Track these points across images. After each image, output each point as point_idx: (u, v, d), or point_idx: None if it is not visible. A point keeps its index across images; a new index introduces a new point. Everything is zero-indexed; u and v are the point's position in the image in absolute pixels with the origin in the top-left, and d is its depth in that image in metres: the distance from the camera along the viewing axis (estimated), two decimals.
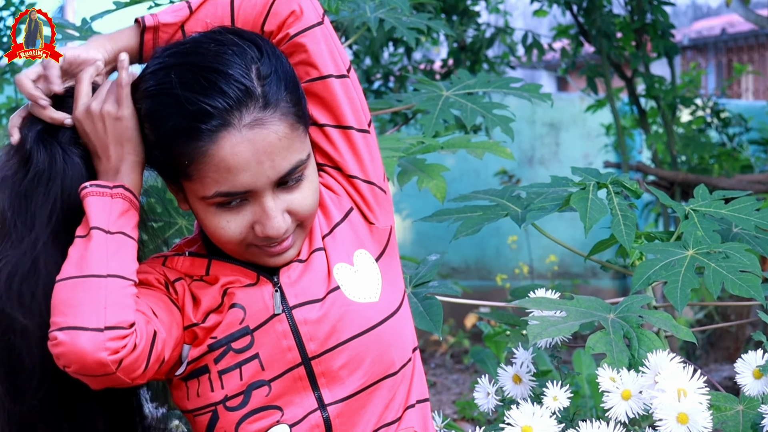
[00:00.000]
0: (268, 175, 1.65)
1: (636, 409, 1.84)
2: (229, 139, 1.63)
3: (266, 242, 1.71)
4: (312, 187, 1.73)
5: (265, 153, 1.64)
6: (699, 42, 14.88)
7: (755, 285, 2.06)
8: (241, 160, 1.63)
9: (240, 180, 1.64)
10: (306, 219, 1.74)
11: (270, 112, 1.65)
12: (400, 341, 1.80)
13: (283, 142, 1.66)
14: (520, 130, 9.33)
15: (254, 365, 1.72)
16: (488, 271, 9.09)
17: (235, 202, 1.68)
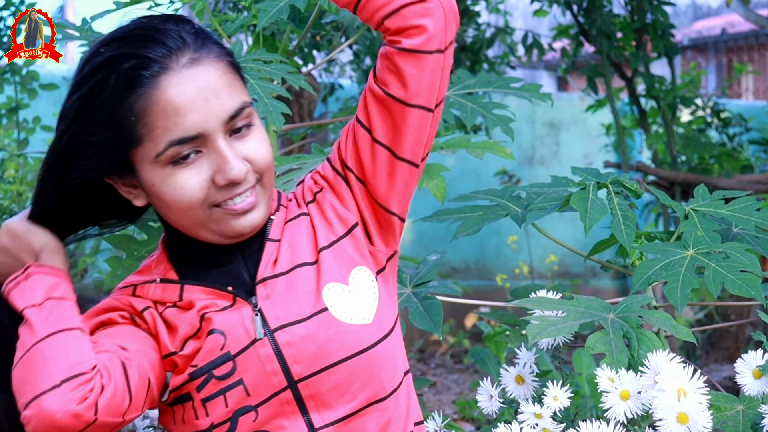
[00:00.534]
0: (217, 112, 1.61)
1: (634, 409, 1.84)
2: (171, 79, 1.60)
3: (229, 194, 1.64)
4: (263, 137, 1.68)
5: (209, 89, 1.61)
6: (699, 42, 14.88)
7: (755, 285, 2.06)
8: (187, 99, 1.60)
9: (189, 121, 1.60)
10: (264, 171, 1.67)
11: (205, 53, 1.64)
12: (391, 365, 1.73)
13: (225, 80, 1.64)
14: (520, 130, 9.33)
15: (239, 391, 1.66)
16: (488, 271, 9.09)
17: (190, 154, 1.62)
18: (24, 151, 5.44)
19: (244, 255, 1.73)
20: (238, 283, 1.72)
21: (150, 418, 2.22)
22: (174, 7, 2.97)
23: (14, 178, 4.77)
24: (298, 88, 2.69)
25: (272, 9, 2.63)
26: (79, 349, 1.59)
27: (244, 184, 1.65)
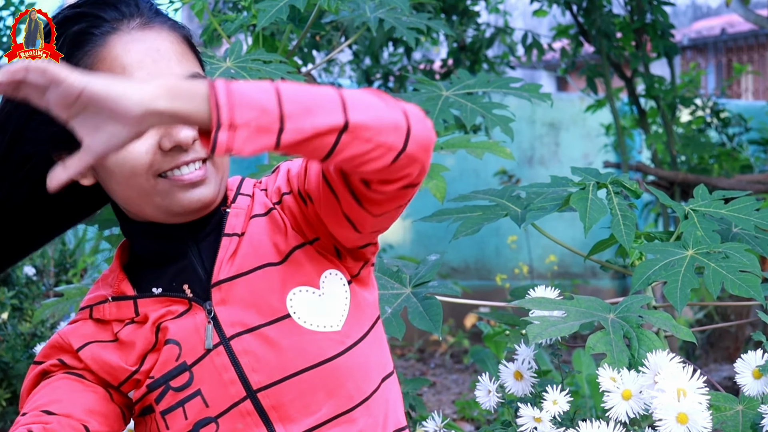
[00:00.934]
0: (165, 75, 1.55)
1: (636, 408, 1.84)
2: (120, 38, 1.56)
3: (176, 161, 1.55)
4: None
5: (158, 52, 1.56)
6: (699, 42, 14.89)
7: (755, 285, 2.06)
8: (135, 57, 1.55)
9: (136, 78, 1.52)
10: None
11: (158, 22, 1.59)
12: (361, 373, 1.64)
13: (176, 47, 1.59)
14: (520, 130, 9.33)
15: (197, 402, 1.60)
16: (488, 271, 9.09)
17: None
18: None
19: (200, 248, 1.64)
20: (193, 280, 1.63)
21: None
22: (174, 6, 2.98)
23: None
24: None
25: (272, 9, 2.63)
26: None
27: (191, 153, 1.56)
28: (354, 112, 1.38)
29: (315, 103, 1.37)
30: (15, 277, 3.97)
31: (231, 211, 1.66)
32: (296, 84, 1.38)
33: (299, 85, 1.38)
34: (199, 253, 1.64)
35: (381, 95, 1.44)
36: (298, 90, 1.37)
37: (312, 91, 1.38)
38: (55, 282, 4.56)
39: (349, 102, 1.38)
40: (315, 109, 1.36)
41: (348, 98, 1.39)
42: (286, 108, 1.34)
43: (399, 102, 1.45)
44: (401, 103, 1.45)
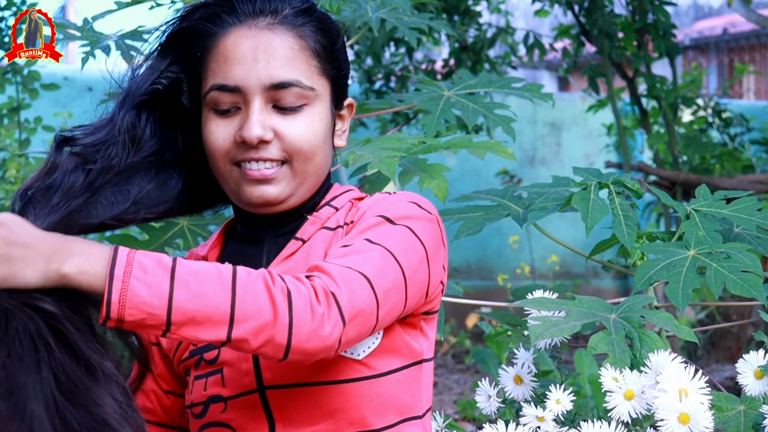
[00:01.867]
0: (260, 75, 1.66)
1: (639, 409, 1.84)
2: (237, 32, 1.68)
3: (246, 155, 1.67)
4: (310, 126, 1.70)
5: (264, 52, 1.66)
6: (700, 42, 14.88)
7: (757, 285, 2.05)
8: (240, 52, 1.66)
9: (233, 72, 1.66)
10: (293, 153, 1.69)
11: (284, 26, 1.69)
12: (373, 405, 1.69)
13: (286, 51, 1.68)
14: (522, 130, 9.33)
15: (217, 379, 1.70)
16: (490, 271, 9.09)
17: (230, 109, 1.68)
18: (25, 151, 5.44)
19: (275, 243, 1.76)
20: (254, 266, 1.70)
21: None
22: (175, 6, 2.98)
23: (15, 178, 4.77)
24: None
25: None
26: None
27: (262, 152, 1.67)
28: (237, 328, 1.44)
29: (203, 313, 1.43)
30: None
31: (309, 219, 1.76)
32: (192, 278, 1.43)
33: (196, 279, 1.43)
34: (271, 248, 1.76)
35: (272, 284, 1.47)
36: (192, 291, 1.43)
37: (206, 294, 1.43)
38: None
39: (237, 313, 1.44)
40: (202, 321, 1.43)
41: (238, 306, 1.44)
42: (174, 317, 1.41)
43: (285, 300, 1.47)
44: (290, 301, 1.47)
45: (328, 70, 1.74)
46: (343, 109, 1.81)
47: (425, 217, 1.70)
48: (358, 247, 1.60)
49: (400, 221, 1.66)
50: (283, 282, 1.48)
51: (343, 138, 1.81)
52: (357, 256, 1.57)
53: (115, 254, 1.42)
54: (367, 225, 1.65)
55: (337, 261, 1.56)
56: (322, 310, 1.48)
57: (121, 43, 2.75)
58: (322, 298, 1.49)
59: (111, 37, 2.75)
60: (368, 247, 1.60)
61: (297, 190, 1.72)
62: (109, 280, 1.40)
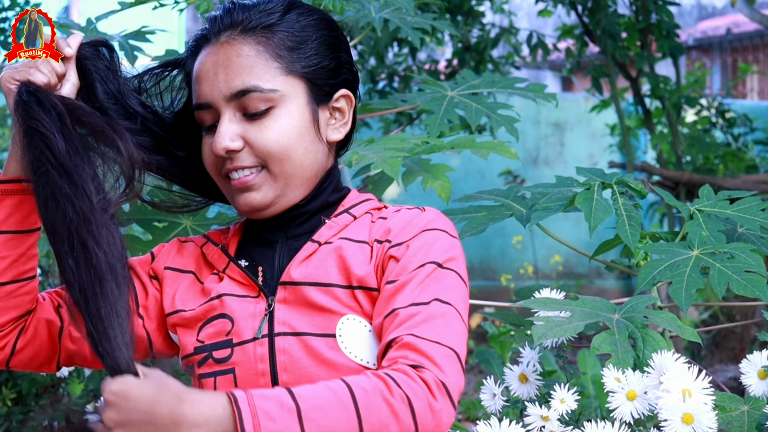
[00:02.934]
0: (221, 88, 1.72)
1: (641, 409, 1.83)
2: (204, 52, 1.76)
3: (226, 166, 1.74)
4: (278, 128, 1.73)
5: (221, 65, 1.73)
6: (704, 42, 14.88)
7: (760, 285, 2.05)
8: (203, 69, 1.75)
9: (201, 89, 1.74)
10: (265, 158, 1.72)
11: (243, 36, 1.75)
12: None
13: (242, 61, 1.73)
14: (525, 130, 9.33)
15: (228, 379, 1.71)
16: (493, 272, 9.09)
17: (210, 124, 1.76)
18: None
19: (287, 244, 1.79)
20: (267, 267, 1.77)
21: None
22: (179, 7, 2.98)
23: None
24: None
25: None
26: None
27: (236, 161, 1.73)
28: None
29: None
30: None
31: (327, 223, 1.78)
32: (318, 414, 1.47)
33: (322, 414, 1.48)
34: (283, 248, 1.79)
35: (391, 399, 1.51)
36: (322, 428, 1.47)
37: (335, 428, 1.47)
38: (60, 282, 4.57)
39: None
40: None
41: (366, 430, 1.48)
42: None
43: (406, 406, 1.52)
44: (409, 405, 1.52)
45: (296, 68, 1.75)
46: (334, 102, 1.81)
47: (459, 249, 1.75)
48: (433, 311, 1.62)
49: (448, 264, 1.70)
50: (400, 389, 1.51)
51: (341, 131, 1.82)
52: (439, 326, 1.61)
53: (238, 407, 1.44)
54: (425, 274, 1.67)
55: (426, 335, 1.58)
56: (440, 407, 1.54)
57: (124, 44, 2.76)
58: (437, 394, 1.54)
59: (114, 37, 2.75)
60: (442, 309, 1.63)
61: (283, 191, 1.76)
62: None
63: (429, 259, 1.69)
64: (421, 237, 1.72)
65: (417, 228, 1.73)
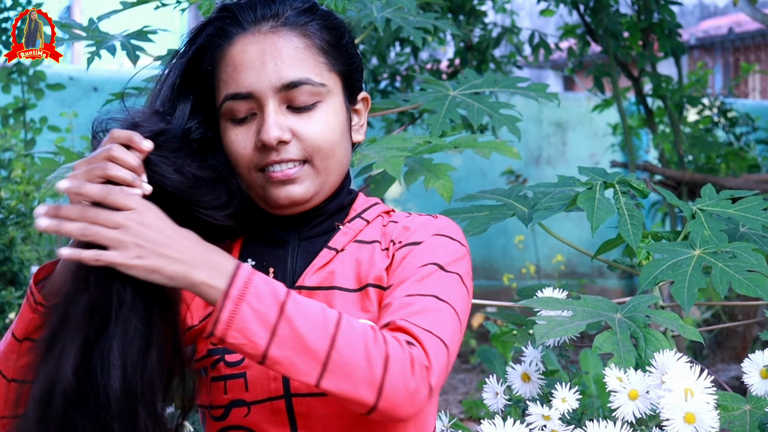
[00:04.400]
0: (270, 78, 1.67)
1: (643, 408, 1.83)
2: (242, 40, 1.70)
3: (268, 158, 1.68)
4: (325, 123, 1.71)
5: (271, 55, 1.68)
6: (706, 41, 14.87)
7: (762, 284, 2.05)
8: (247, 58, 1.68)
9: (243, 78, 1.68)
10: (312, 152, 1.70)
11: (289, 28, 1.71)
12: (397, 423, 1.69)
13: (292, 51, 1.69)
14: (527, 129, 9.33)
15: (239, 383, 1.70)
16: (495, 271, 9.09)
17: (246, 116, 1.69)
18: (31, 151, 5.44)
19: (300, 246, 1.77)
20: (279, 269, 1.75)
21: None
22: (181, 6, 2.98)
23: (21, 178, 4.77)
24: None
25: None
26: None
27: (282, 153, 1.68)
28: (327, 378, 1.48)
29: (298, 355, 1.48)
30: (22, 277, 3.97)
31: (342, 229, 1.77)
32: (299, 317, 1.48)
33: (302, 318, 1.48)
34: (296, 250, 1.77)
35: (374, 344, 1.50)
36: (295, 330, 1.48)
37: (306, 337, 1.48)
38: None
39: (331, 364, 1.48)
40: (296, 362, 1.48)
41: (333, 359, 1.48)
42: (271, 351, 1.47)
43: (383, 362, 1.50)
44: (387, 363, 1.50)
45: (337, 65, 1.74)
46: (357, 104, 1.81)
47: (466, 259, 1.74)
48: (428, 305, 1.62)
49: (451, 268, 1.69)
50: (384, 345, 1.50)
51: (361, 132, 1.82)
52: (433, 318, 1.60)
53: (236, 273, 1.48)
54: (426, 273, 1.67)
55: (419, 323, 1.57)
56: (414, 385, 1.51)
57: (126, 43, 2.76)
58: (418, 373, 1.52)
59: (116, 37, 2.76)
60: (437, 305, 1.63)
61: (322, 187, 1.74)
62: (224, 298, 1.46)
63: (432, 260, 1.68)
64: (430, 240, 1.72)
65: (429, 232, 1.73)
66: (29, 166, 4.98)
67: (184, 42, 1.76)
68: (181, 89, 1.73)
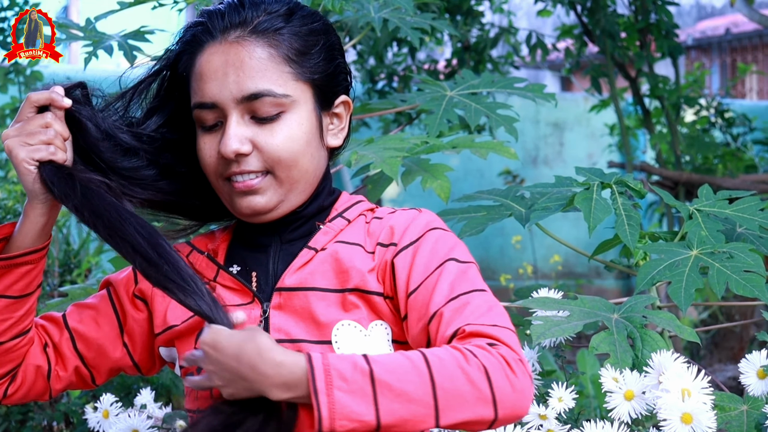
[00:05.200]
0: (231, 89, 1.68)
1: (639, 409, 1.84)
2: (210, 49, 1.70)
3: (230, 169, 1.69)
4: (287, 134, 1.70)
5: (233, 66, 1.68)
6: (703, 42, 14.88)
7: (759, 285, 2.05)
8: (211, 68, 1.69)
9: (207, 88, 1.69)
10: (273, 163, 1.70)
11: (254, 37, 1.70)
12: None
13: (255, 63, 1.69)
14: (524, 130, 9.33)
15: None
16: (492, 271, 9.09)
17: (216, 124, 1.70)
18: None
19: (281, 249, 1.76)
20: (261, 272, 1.75)
21: (154, 417, 2.23)
22: (178, 7, 2.98)
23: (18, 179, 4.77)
24: None
25: None
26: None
27: (243, 165, 1.69)
28: (444, 416, 1.49)
29: (410, 411, 1.48)
30: None
31: (323, 228, 1.76)
32: (392, 377, 1.48)
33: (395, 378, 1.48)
34: (278, 253, 1.76)
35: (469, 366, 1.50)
36: (395, 391, 1.48)
37: (408, 392, 1.48)
38: (60, 282, 4.57)
39: (441, 402, 1.48)
40: (410, 418, 1.48)
41: (440, 396, 1.48)
42: (383, 420, 1.47)
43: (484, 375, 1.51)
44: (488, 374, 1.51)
45: (306, 74, 1.73)
46: (335, 108, 1.80)
47: (463, 244, 1.74)
48: (478, 301, 1.62)
49: (463, 259, 1.70)
50: (477, 359, 1.51)
51: (339, 137, 1.81)
52: (488, 311, 1.61)
53: (311, 365, 1.47)
54: (451, 272, 1.67)
55: (483, 321, 1.58)
56: (520, 382, 1.53)
57: (123, 44, 2.76)
58: (515, 368, 1.53)
59: (113, 37, 2.75)
60: (485, 297, 1.64)
61: (286, 196, 1.73)
62: (314, 394, 1.46)
63: (446, 257, 1.69)
64: (428, 238, 1.71)
65: (420, 229, 1.72)
66: None
67: (169, 47, 1.79)
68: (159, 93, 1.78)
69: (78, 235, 5.85)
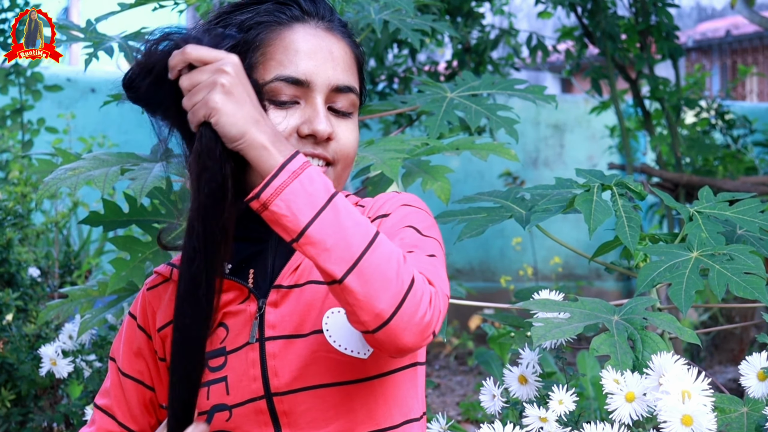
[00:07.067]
0: (329, 74, 1.68)
1: (640, 411, 1.83)
2: (304, 28, 1.70)
3: (304, 148, 1.67)
4: (355, 134, 1.73)
5: (331, 54, 1.70)
6: (703, 44, 14.89)
7: (760, 287, 2.05)
8: (311, 46, 1.68)
9: (304, 65, 1.67)
10: (340, 157, 1.71)
11: (341, 35, 1.73)
12: (378, 404, 1.72)
13: (345, 58, 1.72)
14: (525, 131, 9.33)
15: (221, 387, 1.70)
16: (492, 273, 9.09)
17: (287, 102, 1.67)
18: (28, 152, 5.44)
19: (279, 244, 1.75)
20: (259, 268, 1.75)
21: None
22: (179, 8, 2.98)
23: (19, 180, 4.77)
24: None
25: None
26: None
27: (321, 148, 1.69)
28: (354, 276, 1.47)
29: (336, 245, 1.47)
30: (20, 279, 3.97)
31: None
32: (345, 212, 1.49)
33: (347, 214, 1.49)
34: (276, 248, 1.76)
35: (404, 264, 1.51)
36: (339, 220, 1.48)
37: (348, 230, 1.48)
38: (60, 283, 4.57)
39: (363, 263, 1.48)
40: (330, 250, 1.47)
41: (365, 260, 1.48)
42: (310, 231, 1.47)
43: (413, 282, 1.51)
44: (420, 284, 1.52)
45: (361, 84, 1.78)
46: None
47: (437, 227, 1.76)
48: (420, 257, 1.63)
49: (427, 233, 1.71)
50: (413, 268, 1.52)
51: None
52: (434, 271, 1.61)
53: (296, 154, 1.49)
54: (407, 235, 1.68)
55: (425, 271, 1.58)
56: (429, 319, 1.52)
57: (124, 45, 2.76)
58: (434, 308, 1.53)
59: (114, 38, 2.75)
60: (432, 261, 1.64)
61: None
62: (279, 168, 1.47)
63: (408, 224, 1.70)
64: (400, 210, 1.74)
65: (396, 204, 1.75)
66: (26, 168, 4.98)
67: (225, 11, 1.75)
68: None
69: (78, 236, 5.86)
